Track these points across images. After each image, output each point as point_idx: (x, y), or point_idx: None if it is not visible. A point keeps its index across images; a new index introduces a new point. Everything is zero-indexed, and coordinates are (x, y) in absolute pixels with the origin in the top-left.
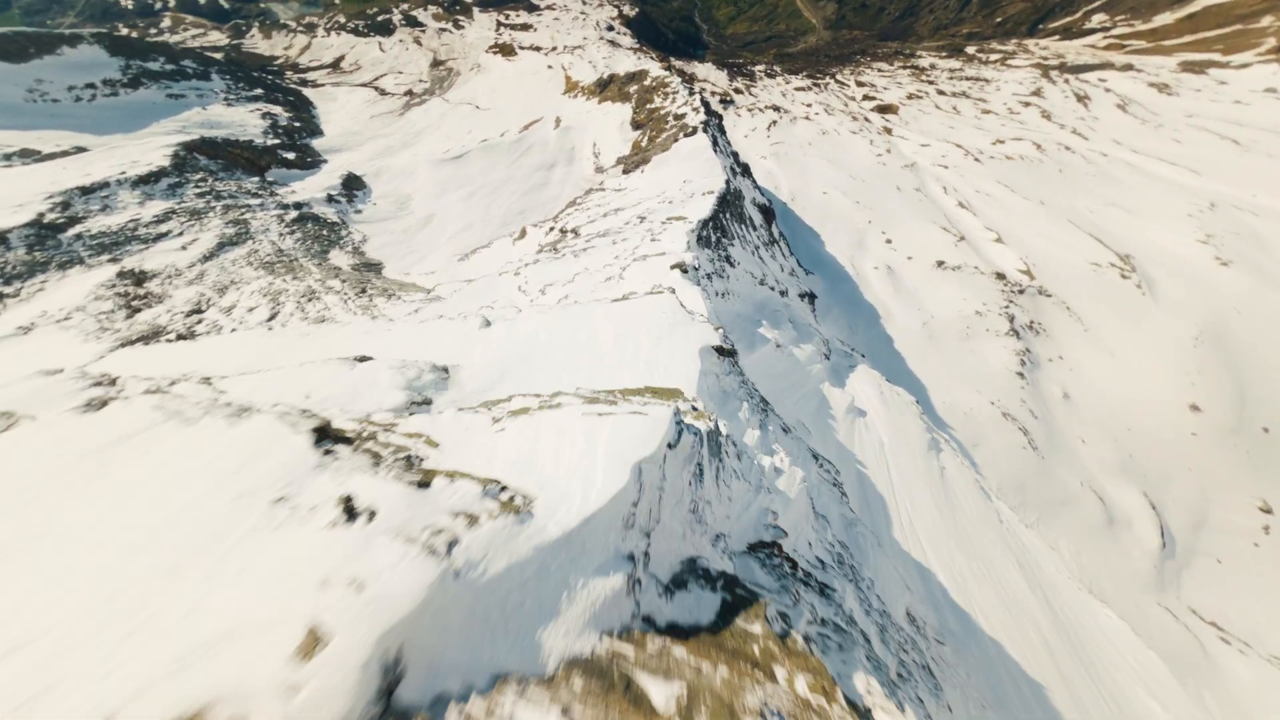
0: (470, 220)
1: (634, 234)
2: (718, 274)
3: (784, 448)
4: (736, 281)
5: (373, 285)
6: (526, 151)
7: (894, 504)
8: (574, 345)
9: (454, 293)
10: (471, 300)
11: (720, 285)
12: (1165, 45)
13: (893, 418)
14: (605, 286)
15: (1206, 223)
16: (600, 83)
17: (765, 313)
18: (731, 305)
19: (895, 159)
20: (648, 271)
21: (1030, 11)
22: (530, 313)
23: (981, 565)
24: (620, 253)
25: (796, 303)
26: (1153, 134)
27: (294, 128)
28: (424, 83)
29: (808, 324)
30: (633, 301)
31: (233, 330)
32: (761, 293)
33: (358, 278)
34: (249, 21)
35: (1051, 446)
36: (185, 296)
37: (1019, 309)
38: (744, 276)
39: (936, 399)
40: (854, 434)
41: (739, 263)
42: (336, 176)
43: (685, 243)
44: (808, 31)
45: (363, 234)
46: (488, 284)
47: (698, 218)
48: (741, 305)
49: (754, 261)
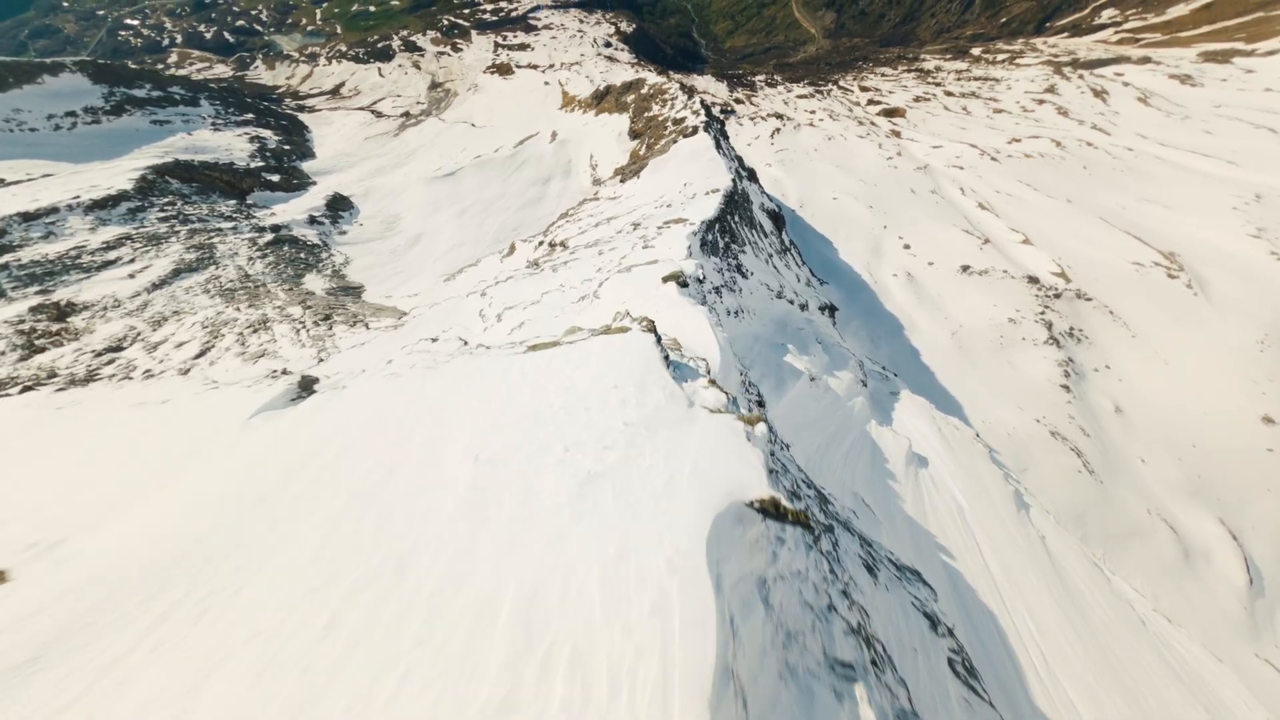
0: (461, 238)
1: (624, 242)
2: (728, 287)
3: None
4: (751, 295)
5: (342, 311)
6: (521, 166)
7: (1007, 620)
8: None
9: (417, 318)
10: (430, 327)
11: (732, 301)
12: (1182, 37)
13: (961, 464)
14: (574, 309)
15: (1255, 216)
16: (596, 95)
17: (787, 332)
18: (747, 325)
19: (907, 162)
20: (633, 287)
21: (1036, 10)
22: (368, 384)
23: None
24: (604, 264)
25: (819, 318)
26: (1179, 126)
27: (283, 151)
28: (421, 104)
29: (836, 343)
30: (567, 353)
31: (146, 371)
32: (780, 307)
33: (328, 303)
34: (253, 54)
35: (1109, 468)
36: (110, 332)
37: (1056, 315)
38: (759, 289)
39: (974, 417)
40: (923, 497)
41: (752, 272)
42: (322, 197)
43: (686, 248)
44: (807, 41)
45: (345, 255)
46: (452, 307)
47: (701, 219)
48: (759, 325)
49: (769, 271)
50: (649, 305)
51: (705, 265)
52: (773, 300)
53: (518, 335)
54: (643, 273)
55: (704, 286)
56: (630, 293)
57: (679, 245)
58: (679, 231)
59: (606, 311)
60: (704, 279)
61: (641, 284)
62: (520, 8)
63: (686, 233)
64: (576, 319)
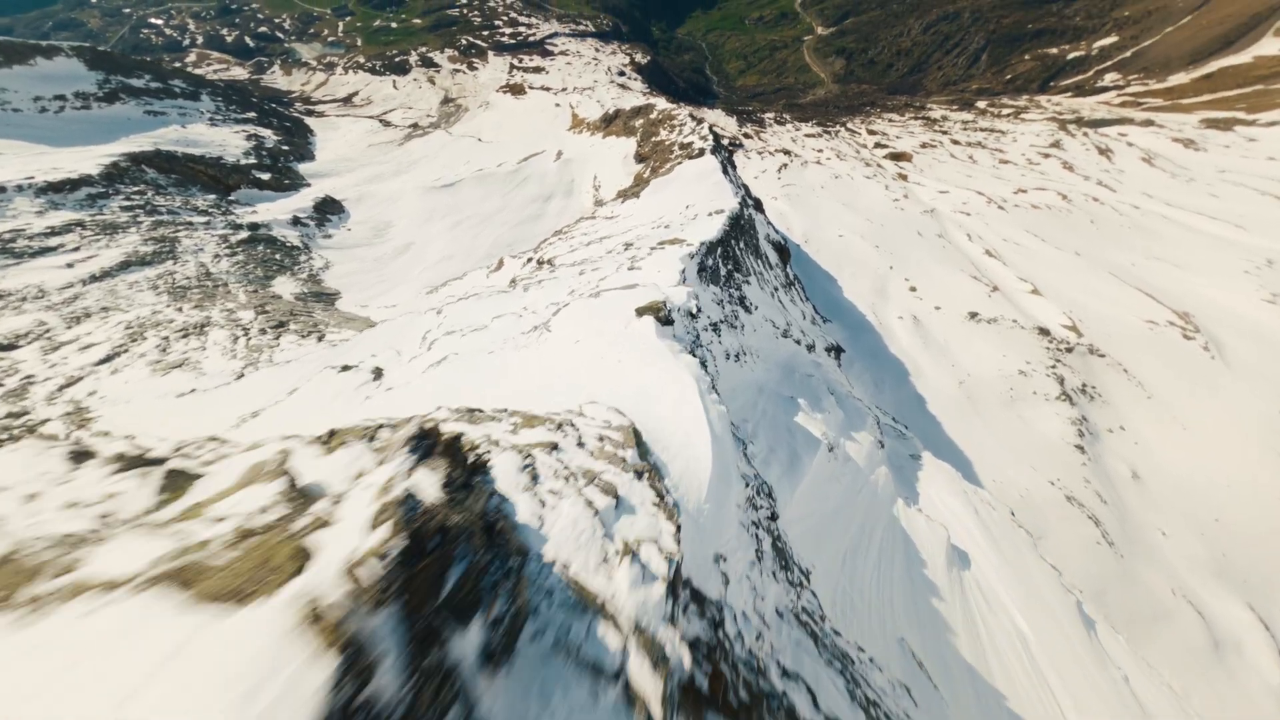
0: (453, 250)
1: (610, 263)
2: (729, 322)
3: None
4: (754, 334)
5: (302, 319)
6: (523, 183)
7: None
8: None
9: (366, 335)
10: (364, 347)
11: (733, 341)
12: (1183, 104)
13: (1007, 559)
14: (520, 341)
15: (1268, 281)
16: (605, 118)
17: (795, 380)
18: (749, 372)
19: (913, 204)
20: (597, 320)
21: (1040, 70)
22: None
23: None
24: (579, 285)
25: (827, 361)
26: (1184, 188)
27: (281, 151)
28: (431, 117)
29: (848, 392)
30: None
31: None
32: (785, 348)
33: (290, 309)
34: (272, 59)
35: (1128, 540)
36: (11, 326)
37: (1068, 370)
38: (763, 325)
39: (985, 475)
40: (976, 623)
41: (756, 307)
42: (310, 199)
43: (678, 272)
44: (816, 85)
45: (326, 260)
46: (403, 324)
47: (702, 239)
48: (763, 371)
49: (774, 306)
50: (611, 351)
51: (702, 295)
52: (778, 339)
53: (431, 375)
54: (614, 300)
55: (698, 322)
56: (590, 328)
57: (670, 269)
58: (673, 253)
59: (558, 351)
60: (698, 312)
61: (608, 316)
62: (538, 33)
63: (682, 254)
64: (519, 355)
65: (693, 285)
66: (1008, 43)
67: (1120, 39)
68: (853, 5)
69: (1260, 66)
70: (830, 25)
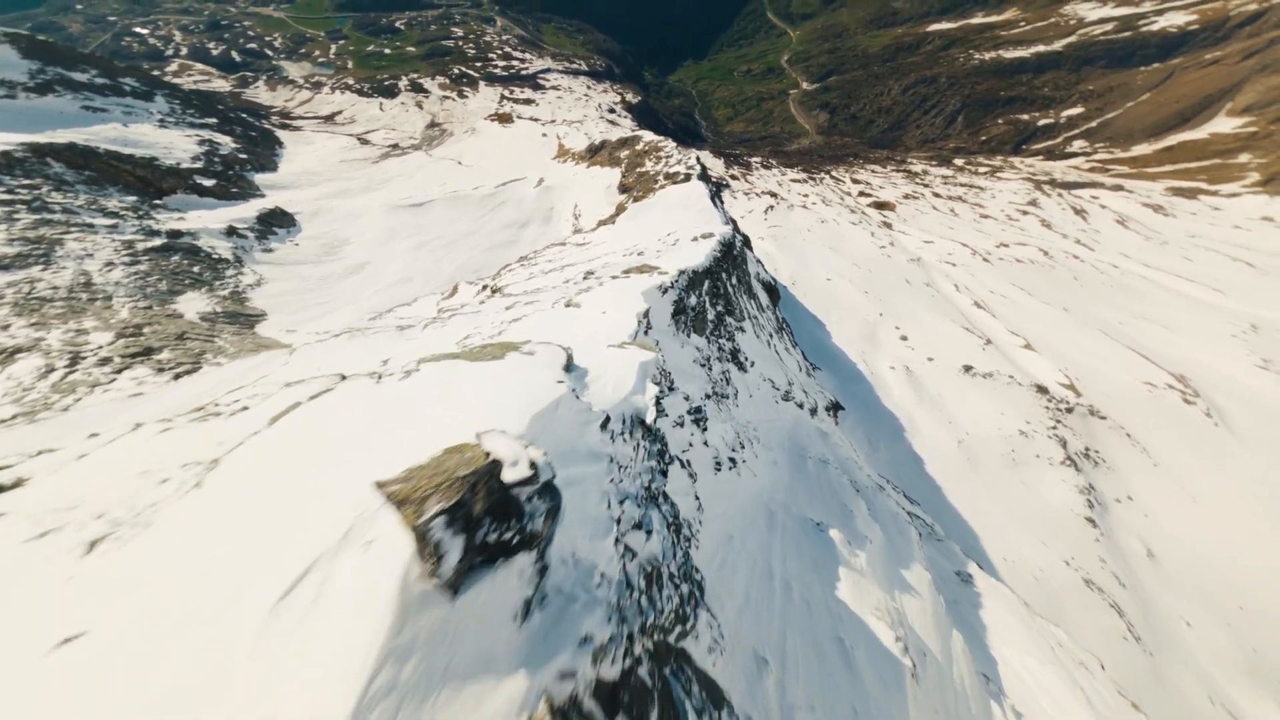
0: (412, 273)
1: (555, 296)
2: (718, 395)
3: None
4: (750, 400)
5: (178, 348)
6: (499, 207)
7: None
8: None
9: (228, 369)
10: (200, 388)
11: (724, 430)
12: (1149, 172)
13: None
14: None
15: (1256, 346)
16: (591, 148)
17: (810, 476)
18: (749, 481)
19: (899, 252)
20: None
21: (1013, 133)
22: None
23: None
24: (482, 325)
25: (831, 428)
26: (1159, 250)
27: (237, 159)
28: (414, 140)
29: (868, 478)
30: None
31: None
32: (787, 415)
33: (174, 333)
34: (257, 75)
35: (1153, 632)
36: None
37: (1069, 431)
38: (761, 387)
39: (994, 551)
40: None
41: (753, 362)
42: (256, 210)
43: (635, 316)
44: (801, 135)
45: (260, 276)
46: (262, 362)
47: (683, 267)
48: (767, 467)
49: (771, 358)
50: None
51: (675, 355)
52: (778, 404)
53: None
54: (464, 386)
55: (670, 417)
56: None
57: (625, 310)
58: (637, 286)
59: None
60: (667, 393)
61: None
62: (531, 68)
63: (647, 288)
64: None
65: (663, 336)
66: (982, 107)
67: (1086, 110)
68: (836, 64)
69: (1216, 142)
70: (815, 81)
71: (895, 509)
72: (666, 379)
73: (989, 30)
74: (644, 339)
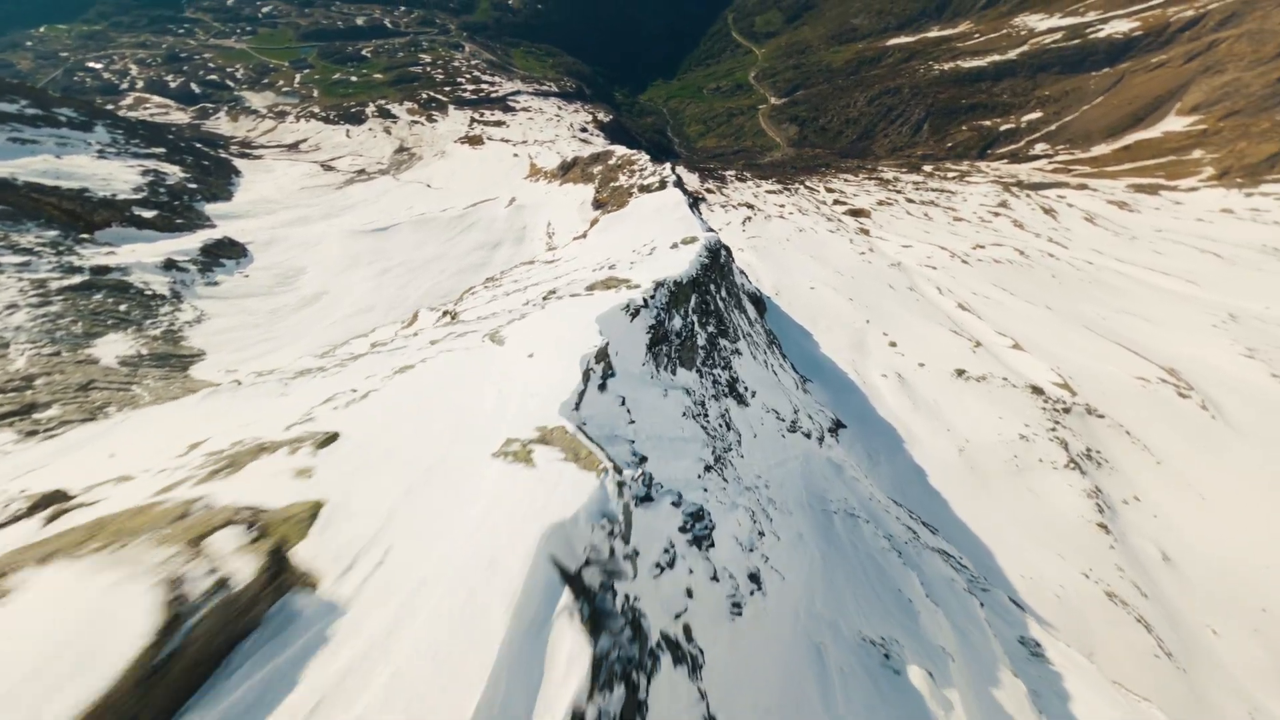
0: (374, 301)
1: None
2: (719, 464)
3: None
4: (757, 446)
5: (93, 395)
6: (469, 229)
7: None
8: None
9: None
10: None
11: (736, 527)
12: (1109, 171)
13: None
14: None
15: (1238, 335)
16: (563, 165)
17: (845, 550)
18: (781, 603)
19: (879, 258)
20: None
21: (977, 139)
22: None
23: None
24: (375, 369)
25: (844, 457)
26: (1129, 245)
27: (186, 189)
28: (381, 165)
29: (911, 533)
30: None
31: None
32: (796, 452)
33: (76, 383)
34: (218, 106)
35: (1183, 646)
36: None
37: (1069, 433)
38: (766, 421)
39: (1011, 569)
40: None
41: (754, 391)
42: (200, 241)
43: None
44: (773, 148)
45: (201, 312)
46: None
47: (661, 279)
48: (798, 559)
49: (770, 381)
50: None
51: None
52: (785, 437)
53: None
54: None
55: (643, 569)
56: None
57: (565, 351)
58: (592, 310)
59: None
60: (621, 516)
61: None
62: (500, 90)
63: (611, 309)
64: None
65: (634, 382)
66: (946, 114)
67: (1045, 114)
68: (802, 79)
69: (1170, 140)
70: (782, 96)
71: (945, 571)
72: (622, 499)
73: (945, 43)
74: (586, 413)
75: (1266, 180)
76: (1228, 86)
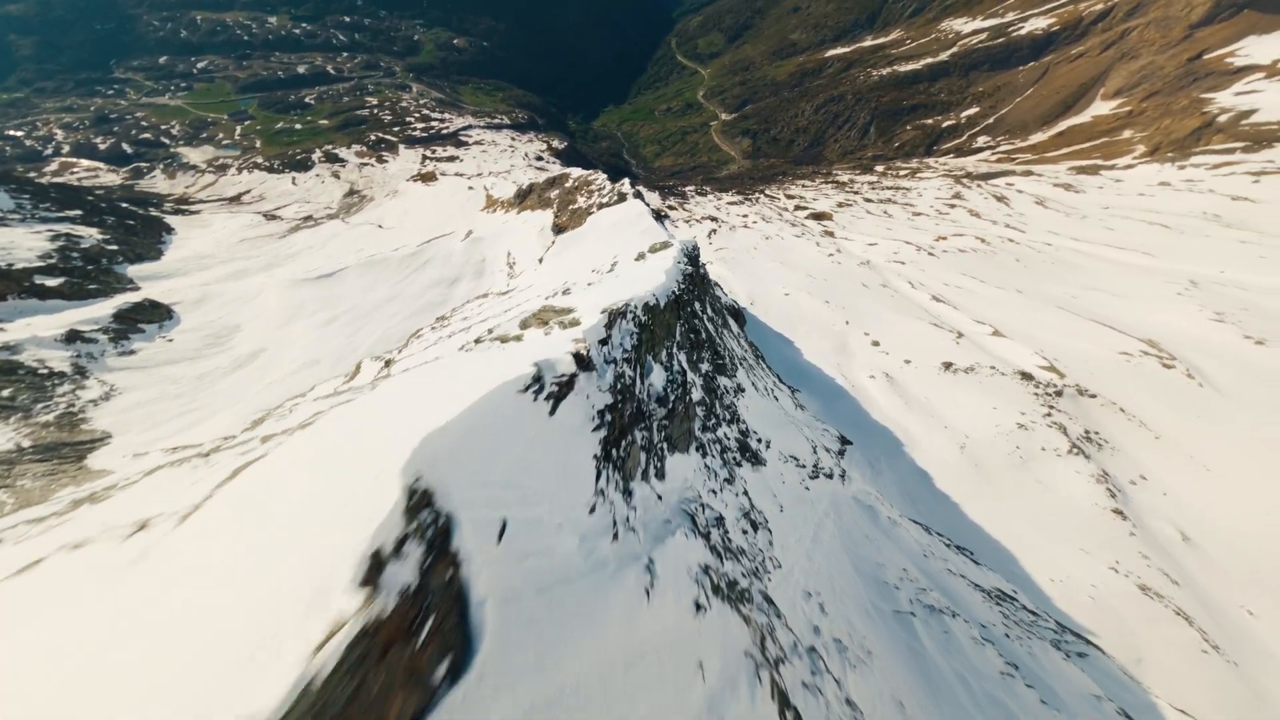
0: (319, 353)
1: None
2: (768, 654)
3: None
4: (785, 523)
5: None
6: (423, 266)
7: None
8: None
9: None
10: None
11: None
12: (1049, 156)
13: None
14: None
15: (1204, 301)
16: (519, 193)
17: (941, 677)
18: None
19: (848, 258)
20: None
21: (923, 137)
22: None
23: None
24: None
25: (881, 501)
26: (1081, 224)
27: (105, 251)
28: (330, 209)
29: (994, 623)
30: None
31: None
32: (823, 502)
33: None
34: (153, 164)
35: (1225, 635)
36: None
37: (1065, 416)
38: (786, 476)
39: (1038, 573)
40: None
41: (767, 439)
42: (114, 307)
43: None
44: (729, 162)
45: (110, 386)
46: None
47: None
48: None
49: (777, 417)
50: None
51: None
52: (808, 490)
53: None
54: None
55: None
56: None
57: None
58: (458, 392)
59: None
60: None
61: None
62: (451, 126)
63: (473, 410)
64: None
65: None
66: (890, 116)
67: (981, 109)
68: (749, 94)
69: (1100, 124)
70: (732, 111)
71: (1079, 682)
72: None
73: (880, 50)
74: None
75: (1195, 152)
76: (1144, 70)
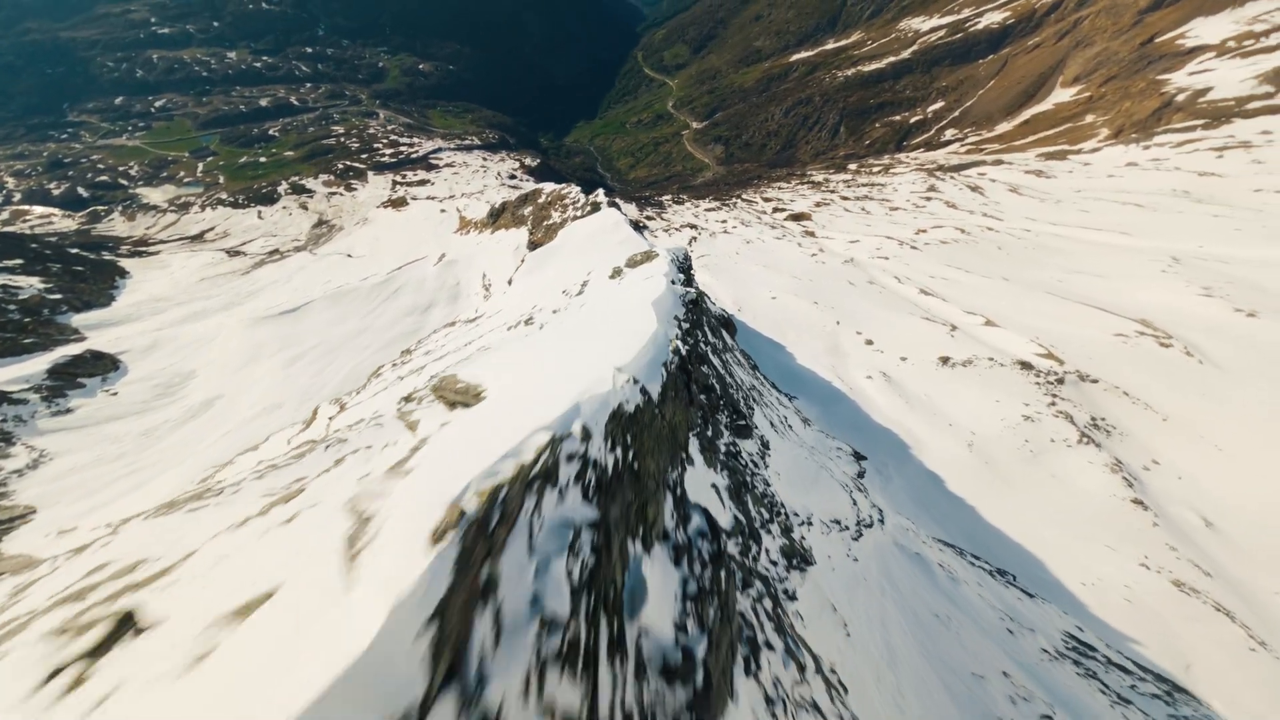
0: (282, 396)
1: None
2: None
3: None
4: (857, 624)
5: None
6: (394, 294)
7: None
8: None
9: None
10: None
11: None
12: (1017, 145)
13: None
14: None
15: (1191, 276)
16: (493, 212)
17: None
18: None
19: (831, 257)
20: None
21: (892, 134)
22: None
23: None
24: None
25: (928, 546)
26: (1056, 209)
27: (46, 302)
28: (298, 242)
29: None
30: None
31: None
32: (872, 565)
33: None
34: (111, 207)
35: (1265, 627)
36: None
37: (1069, 404)
38: (835, 555)
39: (1068, 577)
40: None
41: (807, 517)
42: (49, 362)
43: None
44: (703, 169)
45: (39, 453)
46: None
47: (572, 404)
48: None
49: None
50: None
51: None
52: (856, 561)
53: None
54: None
55: None
56: None
57: None
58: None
59: None
60: None
61: None
62: (421, 150)
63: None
64: None
65: None
66: (858, 115)
67: (947, 103)
68: (718, 102)
69: (1062, 110)
70: (703, 120)
71: None
72: None
73: (843, 52)
74: None
75: (1157, 132)
76: (1100, 56)
